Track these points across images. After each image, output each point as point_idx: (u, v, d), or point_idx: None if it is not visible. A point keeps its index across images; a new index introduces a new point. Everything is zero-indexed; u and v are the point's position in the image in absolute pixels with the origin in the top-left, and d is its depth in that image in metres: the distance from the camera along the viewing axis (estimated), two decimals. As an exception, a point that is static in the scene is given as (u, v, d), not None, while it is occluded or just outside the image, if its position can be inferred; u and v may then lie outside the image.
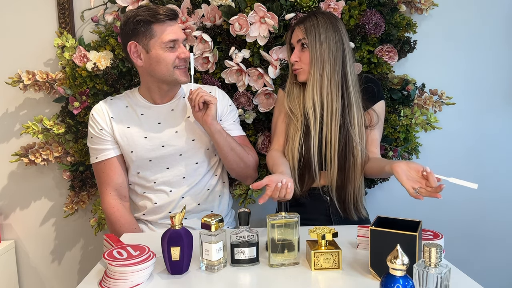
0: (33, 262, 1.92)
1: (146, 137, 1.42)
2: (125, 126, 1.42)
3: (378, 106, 1.48)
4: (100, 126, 1.42)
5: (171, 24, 1.34)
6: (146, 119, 1.43)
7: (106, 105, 1.45)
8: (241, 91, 1.68)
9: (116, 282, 0.94)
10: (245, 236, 1.05)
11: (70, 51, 1.68)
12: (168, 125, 1.43)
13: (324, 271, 1.01)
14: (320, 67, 1.39)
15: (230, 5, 1.61)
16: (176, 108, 1.46)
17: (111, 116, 1.42)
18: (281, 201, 1.08)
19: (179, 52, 1.35)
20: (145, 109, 1.44)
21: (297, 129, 1.42)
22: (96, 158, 1.44)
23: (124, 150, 1.43)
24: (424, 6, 1.68)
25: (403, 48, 1.68)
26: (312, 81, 1.40)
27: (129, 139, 1.42)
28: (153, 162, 1.42)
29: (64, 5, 1.73)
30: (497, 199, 1.89)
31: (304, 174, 1.44)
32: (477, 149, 1.86)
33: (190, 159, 1.44)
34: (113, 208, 1.43)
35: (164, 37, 1.33)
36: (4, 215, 1.89)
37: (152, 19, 1.32)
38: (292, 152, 1.43)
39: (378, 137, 1.50)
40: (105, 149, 1.43)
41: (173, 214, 1.01)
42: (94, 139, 1.43)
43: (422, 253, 0.80)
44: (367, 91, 1.46)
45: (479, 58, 1.81)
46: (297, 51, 1.42)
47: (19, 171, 1.86)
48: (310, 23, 1.40)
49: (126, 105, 1.46)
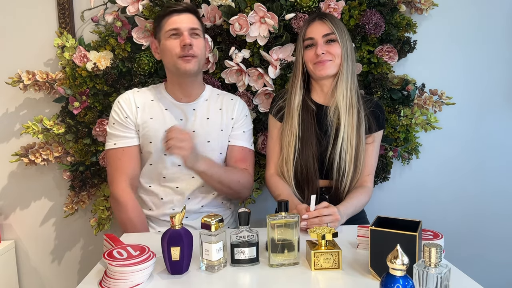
0: (33, 262, 1.92)
1: (166, 131, 1.39)
2: (148, 117, 1.44)
3: (378, 134, 1.49)
4: (125, 113, 1.43)
5: (177, 15, 1.39)
6: (170, 114, 1.46)
7: (133, 95, 1.47)
8: (241, 91, 1.68)
9: (116, 282, 0.94)
10: (245, 236, 1.05)
11: (70, 51, 1.68)
12: (188, 123, 1.46)
13: (324, 271, 1.01)
14: (351, 62, 1.42)
15: (230, 5, 1.61)
16: (198, 109, 1.48)
17: (137, 106, 1.44)
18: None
19: (181, 39, 1.37)
20: (170, 105, 1.47)
21: (292, 138, 1.43)
22: (114, 144, 1.43)
23: (144, 139, 1.44)
24: (424, 6, 1.68)
25: (403, 48, 1.68)
26: (345, 73, 1.41)
27: (151, 129, 1.43)
28: (167, 156, 1.42)
29: (64, 5, 1.73)
30: (497, 199, 1.89)
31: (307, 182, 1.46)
32: (477, 149, 1.86)
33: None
34: (124, 192, 1.41)
35: (166, 26, 1.39)
36: (4, 215, 1.89)
37: (162, 13, 1.42)
38: (286, 162, 1.45)
39: (374, 163, 1.49)
40: (126, 136, 1.44)
41: (173, 214, 1.01)
42: (117, 125, 1.44)
43: (422, 253, 0.80)
44: (374, 116, 1.46)
45: (479, 58, 1.81)
46: (323, 44, 1.41)
47: (19, 171, 1.86)
48: (334, 20, 1.43)
49: (152, 98, 1.48)
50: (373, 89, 1.66)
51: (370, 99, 1.49)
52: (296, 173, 1.44)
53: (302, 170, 1.43)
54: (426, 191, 1.88)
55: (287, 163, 1.44)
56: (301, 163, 1.43)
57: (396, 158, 1.80)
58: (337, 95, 1.42)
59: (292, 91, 1.46)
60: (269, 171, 1.52)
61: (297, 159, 1.43)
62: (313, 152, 1.42)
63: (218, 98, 1.53)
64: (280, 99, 1.51)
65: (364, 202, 1.42)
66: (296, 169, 1.44)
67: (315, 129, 1.44)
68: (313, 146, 1.42)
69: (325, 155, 1.43)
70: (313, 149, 1.42)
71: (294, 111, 1.44)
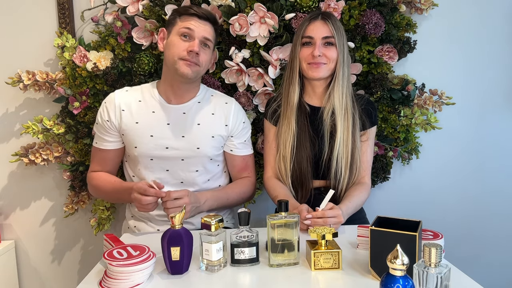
0: (33, 262, 1.92)
1: (152, 136, 1.41)
2: (134, 121, 1.41)
3: (372, 130, 1.49)
4: (107, 116, 1.41)
5: (197, 20, 1.36)
6: (156, 118, 1.41)
7: (120, 96, 1.44)
8: (241, 91, 1.68)
9: (116, 282, 0.94)
10: (245, 236, 1.05)
11: (70, 51, 1.68)
12: (176, 128, 1.41)
13: (324, 271, 1.01)
14: (346, 68, 1.42)
15: (230, 5, 1.61)
16: (188, 112, 1.43)
17: (122, 109, 1.41)
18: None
19: (190, 44, 1.34)
20: (158, 107, 1.43)
21: (289, 134, 1.43)
22: (96, 143, 1.48)
23: (128, 144, 1.42)
24: (424, 6, 1.68)
25: (403, 48, 1.68)
26: (341, 79, 1.42)
27: (135, 134, 1.41)
28: (154, 161, 1.42)
29: (64, 5, 1.73)
30: (497, 199, 1.89)
31: (303, 181, 1.46)
32: (477, 149, 1.86)
33: (191, 166, 1.43)
34: (94, 174, 1.48)
35: (182, 24, 1.36)
36: (4, 215, 1.89)
37: (182, 11, 1.39)
38: (284, 159, 1.45)
39: (370, 159, 1.50)
40: (105, 140, 1.44)
41: (173, 214, 1.01)
42: (99, 126, 1.45)
43: (422, 253, 0.80)
44: (367, 113, 1.47)
45: (479, 58, 1.81)
46: (320, 46, 1.40)
47: (19, 171, 1.86)
48: (336, 23, 1.42)
49: (140, 99, 1.44)
50: (373, 89, 1.66)
51: (361, 97, 1.50)
52: (291, 173, 1.45)
53: (296, 170, 1.44)
54: (426, 191, 1.88)
55: (284, 159, 1.44)
56: (295, 164, 1.43)
57: (396, 158, 1.80)
58: (334, 101, 1.42)
59: (290, 89, 1.45)
60: (266, 174, 1.52)
61: (293, 158, 1.43)
62: (307, 154, 1.43)
63: (212, 101, 1.48)
64: (274, 102, 1.51)
65: (363, 200, 1.42)
66: (292, 168, 1.44)
67: (309, 130, 1.44)
68: (307, 148, 1.43)
69: (319, 157, 1.43)
70: (307, 151, 1.43)
71: (292, 109, 1.44)
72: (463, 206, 1.89)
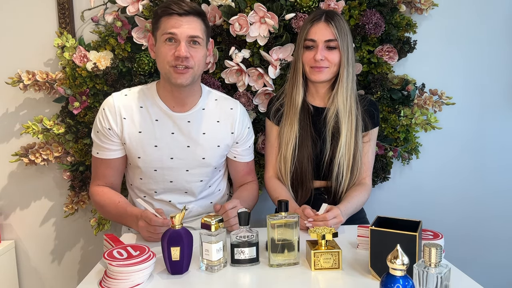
0: (33, 262, 1.92)
1: (156, 146, 1.34)
2: (136, 130, 1.33)
3: (374, 131, 1.49)
4: (108, 124, 1.32)
5: (178, 19, 1.23)
6: (160, 127, 1.34)
7: (120, 102, 1.34)
8: (241, 91, 1.68)
9: (116, 282, 0.94)
10: (245, 236, 1.05)
11: (70, 51, 1.68)
12: (181, 137, 1.35)
13: (324, 271, 1.01)
14: (351, 68, 1.41)
15: (230, 5, 1.61)
16: (193, 121, 1.37)
17: (123, 117, 1.33)
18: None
19: (176, 49, 1.23)
20: (161, 115, 1.35)
21: (291, 136, 1.43)
22: (97, 153, 1.38)
23: (131, 154, 1.36)
24: (424, 6, 1.68)
25: (403, 48, 1.68)
26: (345, 81, 1.40)
27: (138, 144, 1.34)
28: (158, 172, 1.37)
29: (64, 5, 1.73)
30: (497, 199, 1.89)
31: (303, 181, 1.46)
32: (477, 149, 1.86)
33: (195, 176, 1.40)
34: (98, 189, 1.37)
35: (163, 28, 1.25)
36: (4, 215, 1.89)
37: (160, 12, 1.26)
38: (284, 159, 1.44)
39: (371, 160, 1.50)
40: (108, 149, 1.35)
41: (173, 214, 1.01)
42: (100, 135, 1.35)
43: (422, 253, 0.80)
44: (369, 114, 1.46)
45: (479, 58, 1.81)
46: (323, 49, 1.38)
47: (19, 171, 1.86)
48: (339, 24, 1.38)
49: (141, 105, 1.35)
50: (373, 89, 1.66)
51: (364, 98, 1.50)
52: (292, 173, 1.44)
53: (297, 170, 1.44)
54: (426, 191, 1.88)
55: (285, 160, 1.44)
56: (297, 164, 1.43)
57: (396, 158, 1.80)
58: (338, 103, 1.41)
59: (294, 91, 1.45)
60: (267, 174, 1.52)
61: (294, 158, 1.43)
62: (308, 154, 1.42)
63: (216, 106, 1.42)
64: (277, 101, 1.50)
65: (363, 200, 1.42)
66: (293, 168, 1.44)
67: (311, 131, 1.44)
68: (309, 148, 1.43)
69: (321, 158, 1.43)
70: (308, 151, 1.42)
71: (295, 110, 1.44)
72: (463, 206, 1.89)
